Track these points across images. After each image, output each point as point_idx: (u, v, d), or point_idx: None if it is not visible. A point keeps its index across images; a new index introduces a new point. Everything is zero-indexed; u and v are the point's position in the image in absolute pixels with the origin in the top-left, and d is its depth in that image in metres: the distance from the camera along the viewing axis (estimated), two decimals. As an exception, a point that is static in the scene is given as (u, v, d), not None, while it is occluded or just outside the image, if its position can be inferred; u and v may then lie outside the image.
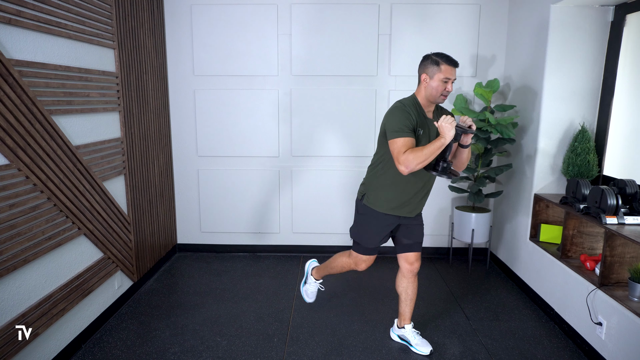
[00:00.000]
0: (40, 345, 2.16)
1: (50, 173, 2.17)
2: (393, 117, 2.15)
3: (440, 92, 2.16)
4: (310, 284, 2.80)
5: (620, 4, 2.74)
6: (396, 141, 2.10)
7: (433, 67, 2.15)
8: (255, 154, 3.81)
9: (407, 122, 2.12)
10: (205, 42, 3.64)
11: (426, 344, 2.47)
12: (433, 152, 2.04)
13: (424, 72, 2.18)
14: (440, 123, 2.05)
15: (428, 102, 2.23)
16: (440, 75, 2.14)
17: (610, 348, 2.23)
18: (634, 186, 2.42)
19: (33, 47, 2.08)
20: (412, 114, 2.16)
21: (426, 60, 2.19)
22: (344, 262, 2.54)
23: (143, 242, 3.23)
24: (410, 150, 2.07)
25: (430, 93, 2.18)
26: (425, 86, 2.19)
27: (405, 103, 2.20)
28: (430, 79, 2.16)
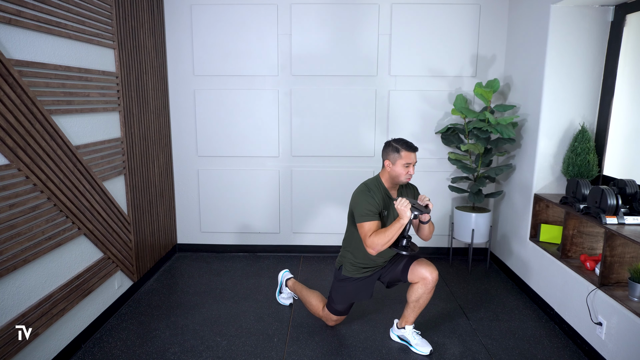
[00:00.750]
0: (40, 345, 2.16)
1: (50, 173, 2.17)
2: (359, 202, 2.33)
3: (404, 176, 2.34)
4: (285, 294, 2.97)
5: (620, 4, 2.74)
6: (363, 225, 2.29)
7: (394, 154, 2.34)
8: (255, 154, 3.81)
9: (372, 207, 2.30)
10: (205, 42, 3.64)
11: (426, 344, 2.47)
12: (394, 233, 2.21)
13: (387, 158, 2.37)
14: (397, 206, 2.21)
15: (392, 183, 2.41)
16: (401, 161, 2.32)
17: (610, 348, 2.23)
18: (634, 186, 2.42)
19: (33, 47, 2.08)
20: (376, 198, 2.33)
21: (387, 147, 2.38)
22: (315, 307, 2.69)
23: (143, 242, 3.23)
24: (375, 233, 2.26)
25: (394, 176, 2.36)
26: (389, 171, 2.37)
27: (371, 187, 2.38)
28: (393, 165, 2.35)
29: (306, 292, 2.76)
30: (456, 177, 3.65)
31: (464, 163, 3.54)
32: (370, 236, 2.26)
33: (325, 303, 2.67)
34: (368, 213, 2.29)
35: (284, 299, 2.99)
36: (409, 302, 2.49)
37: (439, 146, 3.75)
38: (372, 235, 2.26)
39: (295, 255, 3.94)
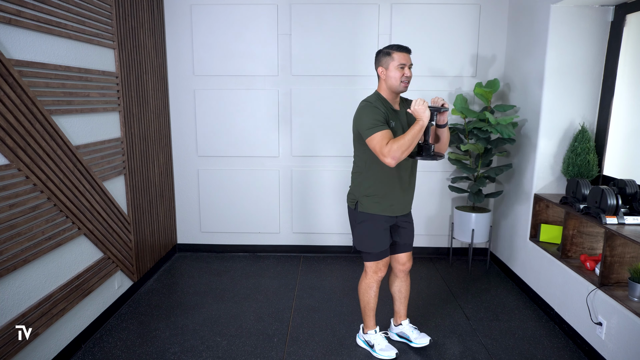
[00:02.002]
0: (40, 345, 2.16)
1: (50, 173, 2.17)
2: (364, 116, 2.15)
3: (400, 79, 2.17)
4: (376, 342, 2.45)
5: (620, 4, 2.74)
6: (374, 137, 2.09)
7: (386, 58, 2.19)
8: (255, 154, 3.81)
9: (379, 116, 2.13)
10: (205, 42, 3.64)
11: (424, 336, 2.50)
12: (414, 136, 2.03)
13: (379, 65, 2.22)
14: (414, 107, 2.06)
15: (392, 94, 2.25)
16: (394, 63, 2.17)
17: (610, 348, 2.23)
18: (634, 186, 2.42)
19: (33, 47, 2.08)
20: (380, 108, 2.17)
21: (378, 55, 2.24)
22: (367, 284, 2.42)
23: (143, 242, 3.23)
24: (392, 140, 2.06)
25: (390, 84, 2.20)
26: (384, 79, 2.22)
27: (371, 100, 2.22)
28: (387, 70, 2.19)
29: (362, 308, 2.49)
30: (456, 177, 3.65)
31: (464, 163, 3.54)
32: (387, 144, 2.04)
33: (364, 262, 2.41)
34: (376, 123, 2.10)
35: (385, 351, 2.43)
36: (394, 295, 2.53)
37: (439, 146, 3.75)
38: (390, 143, 2.04)
39: (295, 255, 3.94)
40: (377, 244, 2.31)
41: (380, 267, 2.37)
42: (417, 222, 3.88)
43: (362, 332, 2.54)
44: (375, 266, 2.37)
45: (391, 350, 2.40)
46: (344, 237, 3.93)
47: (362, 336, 2.52)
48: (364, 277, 2.43)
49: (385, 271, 2.40)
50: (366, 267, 2.40)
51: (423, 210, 3.87)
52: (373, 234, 2.31)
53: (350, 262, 3.80)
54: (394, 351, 2.40)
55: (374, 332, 2.46)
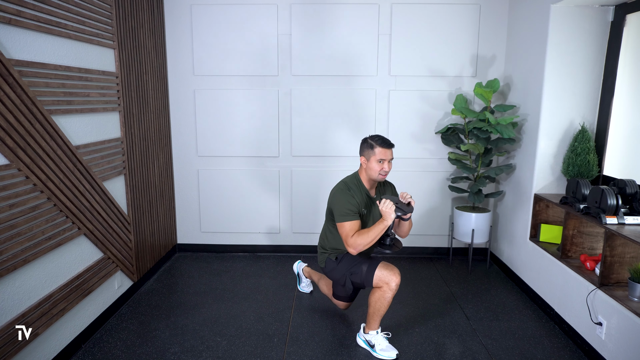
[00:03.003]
0: (40, 345, 2.16)
1: (50, 173, 2.17)
2: (339, 201, 2.33)
3: (378, 172, 2.35)
4: (377, 342, 2.46)
5: (620, 4, 2.74)
6: (344, 225, 2.30)
7: (369, 151, 2.36)
8: (255, 154, 3.81)
9: (352, 206, 2.32)
10: (205, 42, 3.64)
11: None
12: (377, 234, 2.23)
13: (362, 155, 2.40)
14: (382, 208, 2.23)
15: (370, 180, 2.43)
16: (375, 157, 2.34)
17: (610, 348, 2.23)
18: (634, 186, 2.42)
19: (33, 47, 2.08)
20: (356, 197, 2.36)
21: (364, 144, 2.41)
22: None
23: (143, 242, 3.23)
24: (358, 233, 2.27)
25: (370, 174, 2.38)
26: (365, 168, 2.40)
27: (350, 185, 2.39)
28: (368, 162, 2.37)
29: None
30: (456, 177, 3.65)
31: (464, 163, 3.54)
32: (353, 236, 2.27)
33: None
34: (348, 212, 2.30)
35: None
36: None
37: (439, 146, 3.75)
38: (355, 236, 2.27)
39: (295, 255, 3.94)
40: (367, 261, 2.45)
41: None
42: (417, 222, 3.88)
43: (362, 332, 2.54)
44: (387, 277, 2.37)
45: (392, 351, 2.40)
46: (344, 237, 3.93)
47: (362, 336, 2.53)
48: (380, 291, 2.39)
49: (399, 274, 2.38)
50: (381, 285, 2.39)
51: (423, 210, 3.87)
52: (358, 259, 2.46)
53: (350, 262, 3.80)
54: (395, 352, 2.40)
55: (376, 332, 2.47)
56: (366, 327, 2.51)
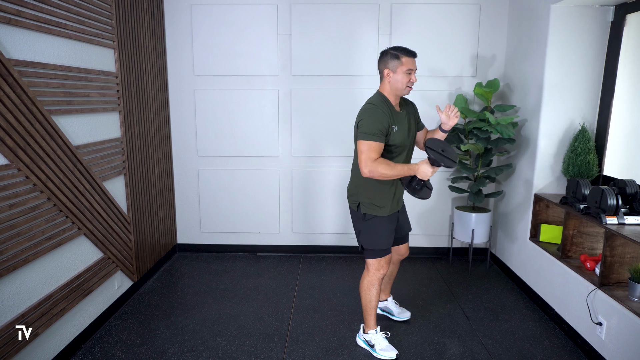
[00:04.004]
0: (40, 345, 2.16)
1: (50, 173, 2.17)
2: (368, 119, 2.15)
3: (406, 84, 2.20)
4: (376, 342, 2.44)
5: (620, 4, 2.74)
6: (368, 144, 2.11)
7: (394, 62, 2.19)
8: (255, 154, 3.81)
9: (381, 125, 2.14)
10: (205, 42, 3.64)
11: (405, 312, 2.67)
12: (400, 175, 2.10)
13: (386, 67, 2.22)
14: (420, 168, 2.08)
15: (394, 96, 2.26)
16: (402, 67, 2.18)
17: (610, 348, 2.23)
18: (634, 186, 2.42)
19: (33, 47, 2.08)
20: (386, 114, 2.17)
21: (385, 55, 2.22)
22: (369, 282, 2.39)
23: (143, 242, 3.23)
24: (383, 161, 2.10)
25: (395, 87, 2.22)
26: (389, 81, 2.22)
27: (377, 103, 2.21)
28: (394, 73, 2.20)
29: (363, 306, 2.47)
30: (456, 177, 3.65)
31: (464, 163, 3.54)
32: (375, 161, 2.08)
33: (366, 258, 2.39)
34: (375, 132, 2.11)
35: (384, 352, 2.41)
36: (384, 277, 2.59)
37: (439, 146, 3.75)
38: (378, 162, 2.08)
39: (295, 255, 3.94)
40: (382, 241, 2.33)
41: (382, 264, 2.37)
42: (417, 222, 3.88)
43: (362, 332, 2.53)
44: (378, 263, 2.37)
45: (392, 351, 2.40)
46: (344, 237, 3.93)
47: (362, 336, 2.52)
48: (366, 275, 2.43)
49: (387, 269, 2.40)
50: (368, 265, 2.40)
51: (423, 210, 3.87)
52: (378, 233, 2.32)
53: (350, 262, 3.80)
54: (395, 352, 2.40)
55: (375, 332, 2.46)
56: (365, 327, 2.51)
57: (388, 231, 2.34)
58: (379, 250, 2.35)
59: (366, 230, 2.34)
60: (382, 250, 2.35)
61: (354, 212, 2.40)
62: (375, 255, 2.36)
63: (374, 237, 2.33)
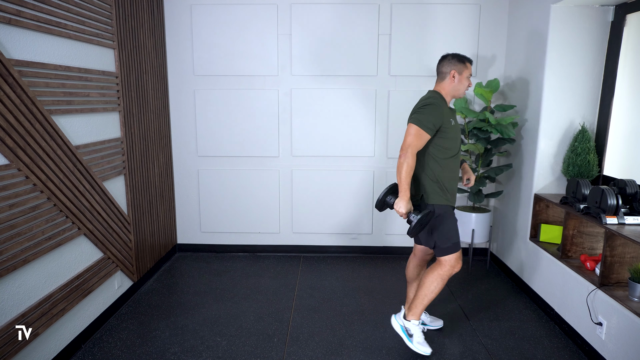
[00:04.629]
0: (40, 345, 2.16)
1: (50, 173, 2.17)
2: (428, 110, 2.23)
3: (466, 87, 2.36)
4: (416, 333, 2.43)
5: (620, 4, 2.74)
6: (418, 130, 2.20)
7: (461, 66, 2.33)
8: (255, 154, 3.81)
9: (436, 121, 2.22)
10: (205, 42, 3.64)
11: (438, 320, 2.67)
12: (402, 182, 2.19)
13: (453, 69, 2.32)
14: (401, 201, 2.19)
15: (451, 96, 2.38)
16: (467, 72, 2.34)
17: (610, 348, 2.23)
18: (634, 186, 2.42)
19: (33, 47, 2.08)
20: (444, 113, 2.26)
21: (452, 58, 2.34)
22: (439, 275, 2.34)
23: (143, 242, 3.23)
24: (414, 160, 2.19)
25: (457, 88, 2.35)
26: (453, 82, 2.33)
27: (438, 100, 2.29)
28: (459, 75, 2.32)
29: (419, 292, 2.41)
30: (456, 177, 3.65)
31: (464, 163, 3.54)
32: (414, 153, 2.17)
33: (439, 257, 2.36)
34: (429, 125, 2.19)
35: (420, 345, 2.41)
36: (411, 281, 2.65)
37: (439, 146, 3.75)
38: (413, 156, 2.17)
39: (295, 255, 3.94)
40: (454, 234, 2.33)
41: (459, 260, 2.35)
42: (417, 222, 3.88)
43: (402, 317, 2.47)
44: (454, 260, 2.33)
45: (427, 347, 2.40)
46: (344, 237, 3.93)
47: (401, 320, 2.46)
48: (438, 268, 2.34)
49: (461, 264, 2.37)
50: (444, 261, 2.33)
51: (423, 210, 3.86)
52: (449, 225, 2.32)
53: (350, 262, 3.80)
54: (430, 349, 2.40)
55: (418, 322, 2.45)
56: (408, 313, 2.44)
57: (455, 222, 2.36)
58: (454, 244, 2.32)
59: (438, 227, 2.31)
60: (456, 244, 2.33)
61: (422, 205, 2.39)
62: (451, 251, 2.32)
63: (445, 231, 2.31)
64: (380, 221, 3.90)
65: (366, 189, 3.84)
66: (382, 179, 3.83)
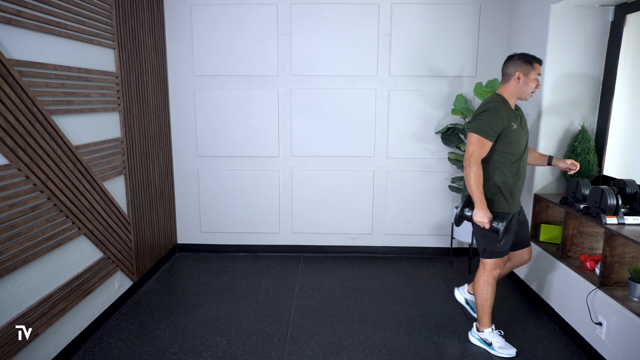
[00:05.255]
0: (40, 345, 2.16)
1: (50, 173, 2.17)
2: (487, 117, 2.22)
3: (532, 89, 2.28)
4: (494, 340, 2.47)
5: (620, 4, 2.74)
6: (479, 139, 2.20)
7: (527, 66, 2.24)
8: (255, 154, 3.81)
9: (497, 127, 2.21)
10: (205, 42, 3.64)
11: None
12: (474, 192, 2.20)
13: (518, 70, 2.26)
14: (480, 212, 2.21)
15: (515, 98, 2.32)
16: (534, 73, 2.24)
17: (610, 348, 2.23)
18: (634, 186, 2.42)
19: (33, 47, 2.08)
20: (504, 117, 2.23)
21: (518, 59, 2.27)
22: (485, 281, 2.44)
23: (143, 242, 3.23)
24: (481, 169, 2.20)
25: (522, 90, 2.28)
26: (518, 84, 2.27)
27: (498, 105, 2.25)
28: (525, 77, 2.25)
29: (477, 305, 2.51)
30: (456, 177, 3.65)
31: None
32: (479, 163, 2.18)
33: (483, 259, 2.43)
34: (490, 132, 2.19)
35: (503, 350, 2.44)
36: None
37: (439, 146, 3.75)
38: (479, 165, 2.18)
39: (295, 255, 3.94)
40: (507, 242, 2.35)
41: (499, 264, 2.41)
42: (417, 222, 3.88)
43: (476, 330, 2.55)
44: (495, 263, 2.40)
45: (511, 349, 2.43)
46: (344, 237, 3.93)
47: (476, 334, 2.54)
48: (482, 274, 2.45)
49: (503, 267, 2.45)
50: (485, 264, 2.43)
51: (423, 211, 3.87)
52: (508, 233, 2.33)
53: (350, 262, 3.80)
54: (514, 349, 2.42)
55: (490, 330, 2.49)
56: (479, 325, 2.53)
57: (512, 231, 2.36)
58: (499, 252, 2.38)
59: (489, 232, 2.31)
60: (504, 252, 2.39)
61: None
62: (494, 256, 2.39)
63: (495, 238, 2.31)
64: (380, 221, 3.90)
65: (366, 189, 3.84)
66: (382, 179, 3.83)
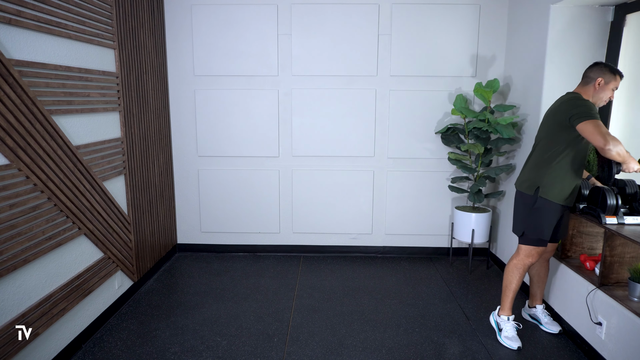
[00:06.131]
0: (40, 345, 2.16)
1: (50, 173, 2.17)
2: (584, 104, 2.25)
3: (607, 98, 2.36)
4: (505, 328, 2.57)
5: (620, 4, 2.74)
6: (595, 122, 2.19)
7: (610, 75, 2.32)
8: (255, 154, 3.81)
9: (595, 110, 2.25)
10: (205, 42, 3.64)
11: (555, 324, 2.66)
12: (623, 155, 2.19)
13: (601, 76, 2.33)
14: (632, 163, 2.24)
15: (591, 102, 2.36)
16: (614, 83, 2.33)
17: (610, 348, 2.23)
18: (634, 186, 2.42)
19: (33, 47, 2.08)
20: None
21: (604, 67, 2.34)
22: (514, 265, 2.54)
23: (143, 242, 3.23)
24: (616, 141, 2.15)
25: (599, 96, 2.35)
26: (597, 89, 2.34)
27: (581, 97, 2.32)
28: (605, 85, 2.32)
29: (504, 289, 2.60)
30: (456, 177, 3.66)
31: (464, 163, 3.54)
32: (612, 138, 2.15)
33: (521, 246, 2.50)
34: (593, 114, 2.20)
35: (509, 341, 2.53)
36: (532, 278, 2.72)
37: (439, 146, 3.75)
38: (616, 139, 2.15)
39: (295, 255, 3.95)
40: (545, 230, 2.41)
41: (534, 253, 2.49)
42: (417, 222, 3.88)
43: (497, 312, 2.64)
44: (530, 251, 2.49)
45: (515, 342, 2.49)
46: (344, 237, 3.94)
47: (495, 316, 2.64)
48: (515, 257, 2.55)
49: (536, 258, 2.51)
50: (520, 250, 2.52)
51: (423, 211, 3.87)
52: (547, 221, 2.41)
53: (350, 262, 3.80)
54: (518, 344, 2.48)
55: (507, 318, 2.56)
56: (500, 309, 2.62)
57: (553, 221, 2.41)
58: (538, 240, 2.44)
59: (533, 216, 2.42)
60: (540, 240, 2.45)
61: (524, 197, 2.47)
62: (532, 243, 2.46)
63: (538, 224, 2.41)
64: (380, 221, 3.90)
65: (366, 188, 3.84)
66: (382, 178, 3.83)
